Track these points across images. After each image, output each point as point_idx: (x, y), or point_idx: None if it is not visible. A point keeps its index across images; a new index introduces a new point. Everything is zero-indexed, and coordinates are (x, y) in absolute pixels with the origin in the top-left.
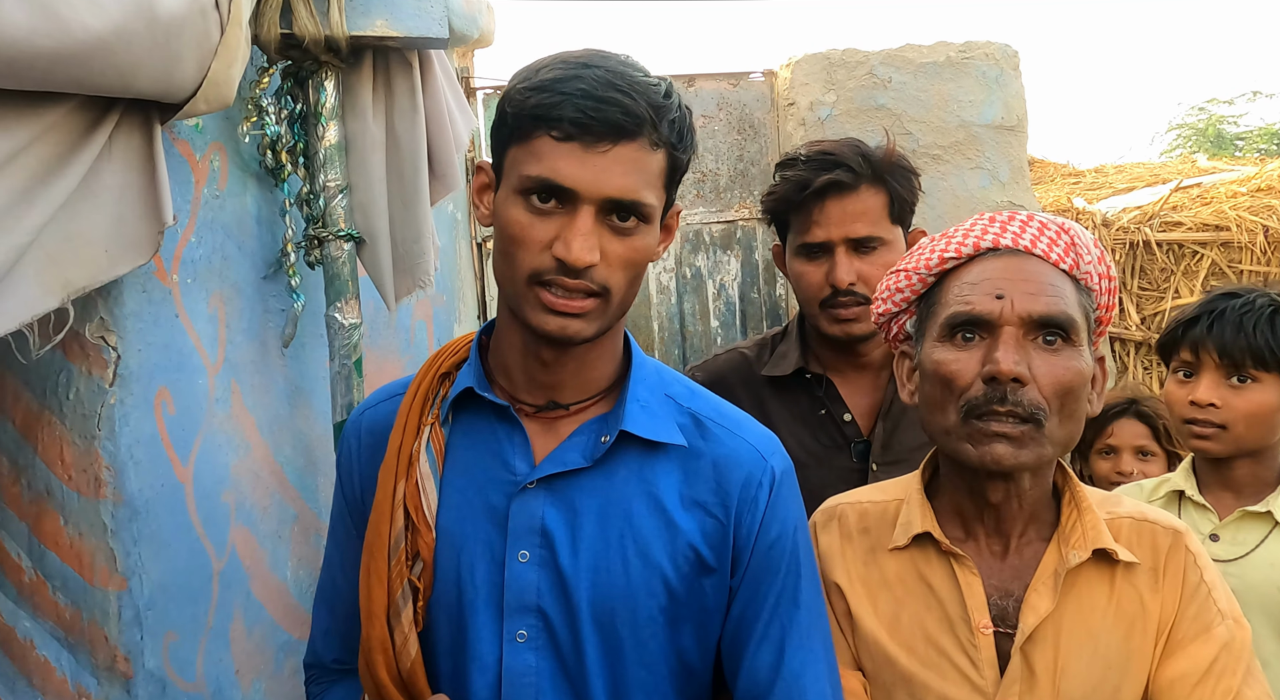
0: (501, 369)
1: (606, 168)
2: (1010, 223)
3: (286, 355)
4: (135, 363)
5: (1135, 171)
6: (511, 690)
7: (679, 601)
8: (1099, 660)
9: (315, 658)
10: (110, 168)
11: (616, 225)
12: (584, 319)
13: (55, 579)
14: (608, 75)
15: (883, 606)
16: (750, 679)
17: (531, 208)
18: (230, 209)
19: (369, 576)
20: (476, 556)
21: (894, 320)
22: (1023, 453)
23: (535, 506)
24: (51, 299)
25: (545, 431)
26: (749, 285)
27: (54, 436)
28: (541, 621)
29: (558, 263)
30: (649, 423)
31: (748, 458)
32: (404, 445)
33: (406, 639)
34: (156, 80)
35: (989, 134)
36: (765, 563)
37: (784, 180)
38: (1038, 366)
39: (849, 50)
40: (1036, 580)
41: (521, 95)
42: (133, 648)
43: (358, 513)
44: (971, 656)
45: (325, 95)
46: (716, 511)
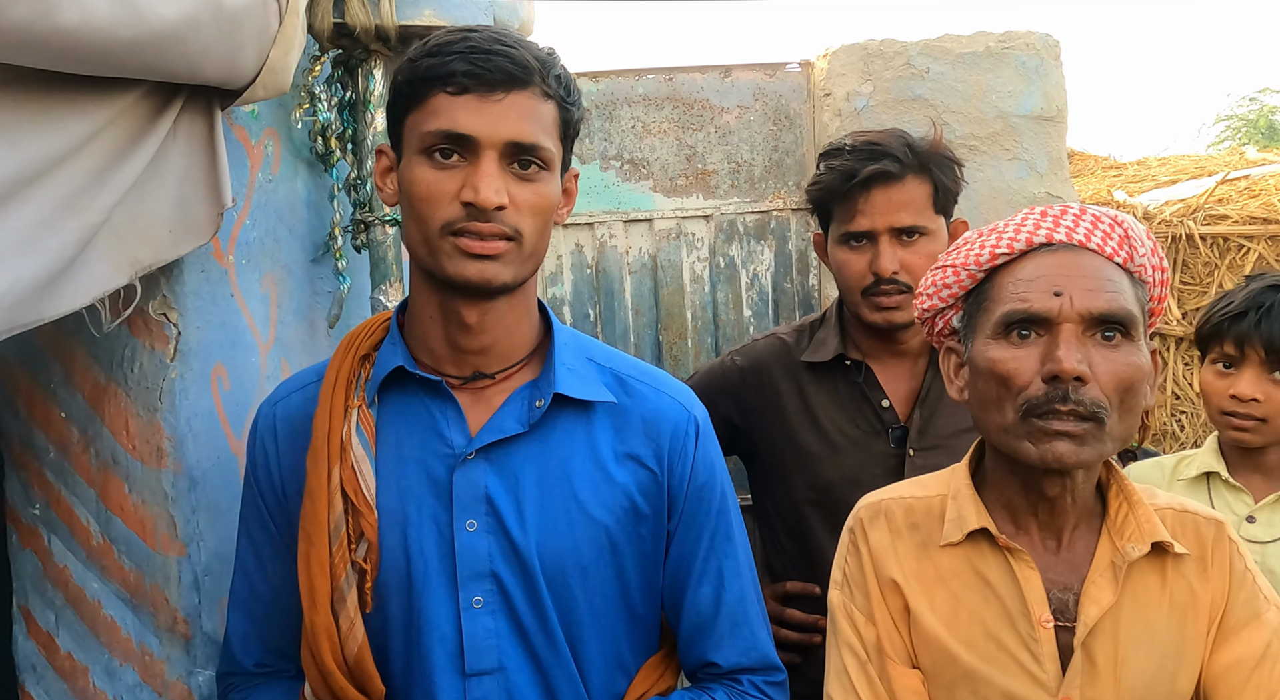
0: (422, 346)
1: (503, 113)
2: (1063, 217)
3: (332, 336)
4: (194, 339)
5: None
6: (474, 655)
7: (621, 551)
8: (1156, 650)
9: (234, 665)
10: (175, 151)
11: (519, 172)
12: (500, 261)
13: (121, 543)
14: (492, 33)
15: (940, 603)
16: (694, 612)
17: (435, 164)
18: (282, 193)
19: (309, 565)
20: (424, 530)
21: (939, 315)
22: (1085, 451)
23: (477, 476)
24: (121, 276)
25: (475, 402)
26: (782, 275)
27: (120, 408)
28: (496, 586)
29: (467, 209)
30: (578, 384)
31: (672, 410)
32: (332, 430)
33: (353, 623)
34: (221, 67)
35: (1027, 125)
36: (698, 505)
37: (829, 170)
38: (1098, 364)
39: (886, 40)
40: (1094, 573)
41: (412, 63)
42: (191, 611)
43: (277, 507)
44: (1033, 651)
45: (374, 83)
46: (650, 463)
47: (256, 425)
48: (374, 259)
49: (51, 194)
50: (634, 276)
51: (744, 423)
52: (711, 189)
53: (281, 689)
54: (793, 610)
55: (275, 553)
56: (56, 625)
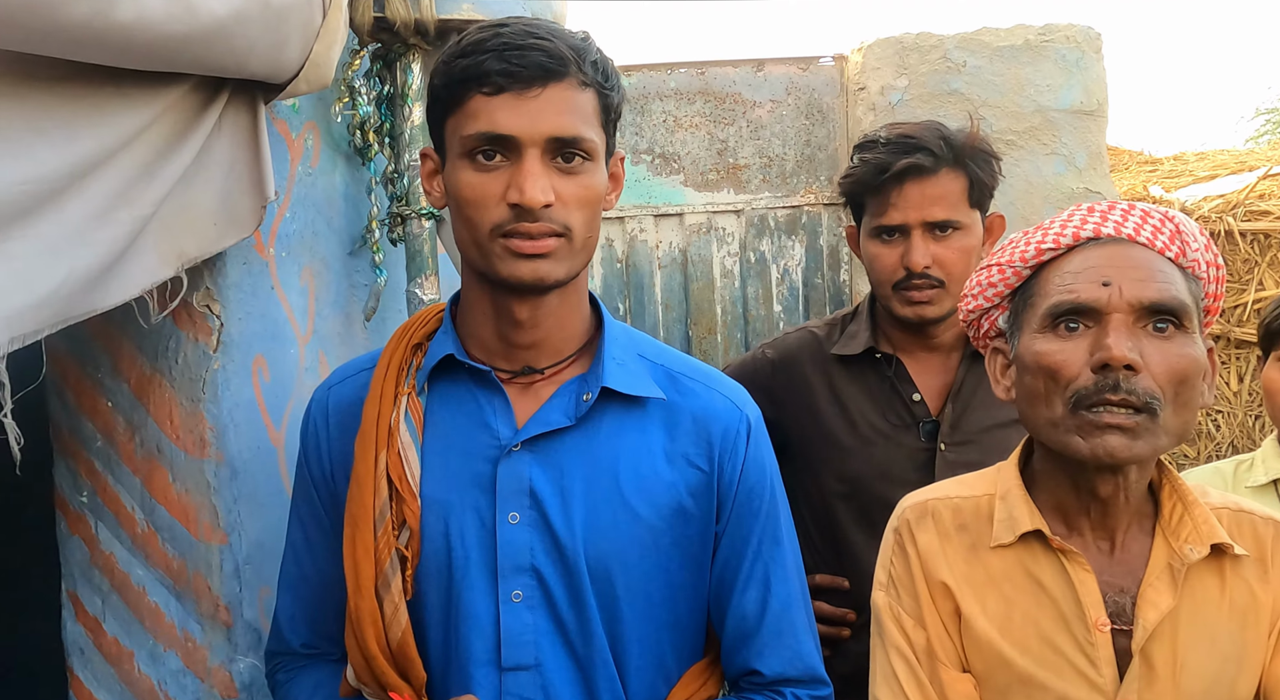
0: (474, 338)
1: (541, 109)
2: (1111, 212)
3: (369, 328)
4: (236, 331)
5: (1219, 159)
6: (511, 649)
7: (667, 552)
8: (1217, 655)
9: (282, 645)
10: (220, 144)
11: (563, 166)
12: (552, 259)
13: (164, 531)
14: (524, 26)
15: (992, 606)
16: (739, 617)
17: (479, 166)
18: (321, 186)
19: (355, 549)
20: (466, 521)
21: (985, 316)
22: (1137, 444)
23: (522, 468)
24: (168, 268)
25: (524, 396)
26: (813, 271)
27: (164, 398)
28: (536, 580)
29: (514, 210)
30: (627, 379)
31: (724, 409)
32: (381, 416)
33: (396, 609)
34: (266, 61)
35: (1066, 119)
36: (747, 507)
37: (862, 163)
38: (1150, 354)
39: (922, 34)
40: (1150, 575)
41: (447, 66)
42: (232, 599)
43: (326, 491)
44: (1089, 655)
45: (412, 77)
46: (700, 462)
47: (310, 410)
48: (410, 252)
49: (104, 187)
50: (664, 271)
51: (775, 415)
52: (742, 183)
53: (327, 671)
54: (821, 603)
55: (323, 535)
56: (103, 610)
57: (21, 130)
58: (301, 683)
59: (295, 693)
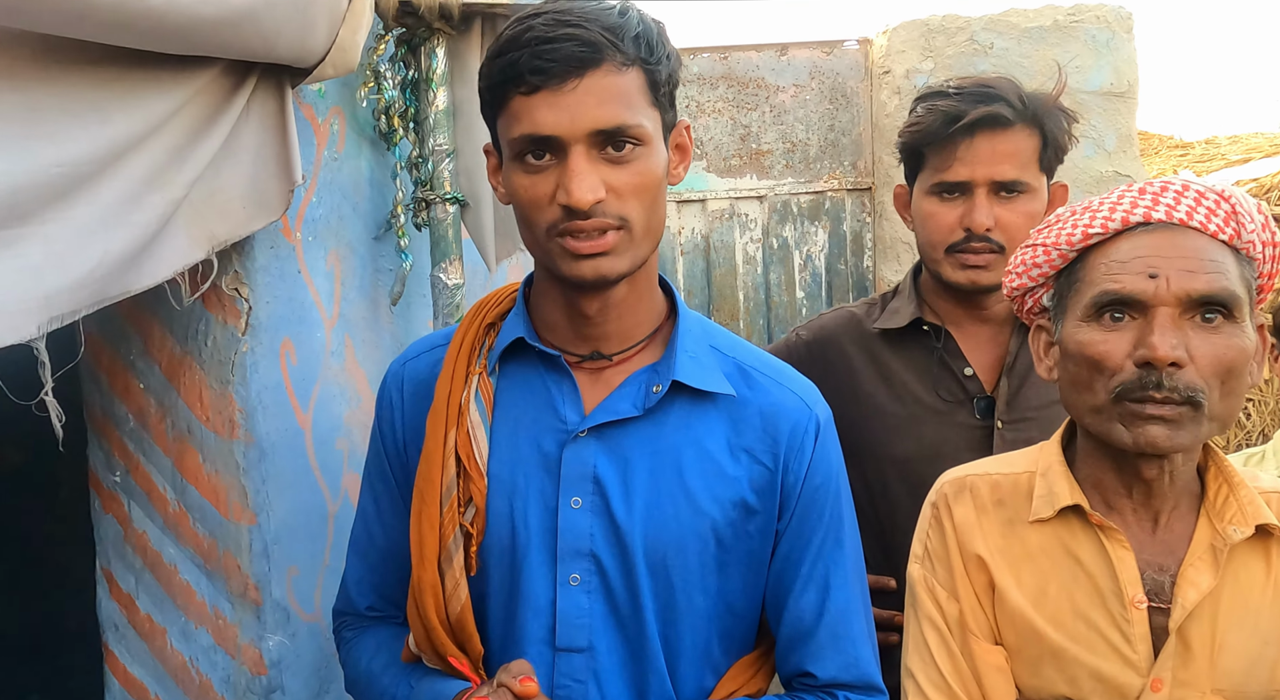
0: (545, 322)
1: (580, 102)
2: (1163, 194)
3: (394, 312)
4: (264, 314)
5: (1252, 141)
6: (566, 631)
7: (727, 547)
8: (1258, 636)
9: (348, 605)
10: (249, 128)
11: (613, 156)
12: (612, 255)
13: (195, 511)
14: (555, 14)
15: (1027, 580)
16: (796, 618)
17: (528, 168)
18: (347, 171)
19: (420, 522)
20: (530, 502)
21: (1029, 294)
22: (1180, 435)
23: (587, 455)
24: (199, 251)
25: (593, 381)
26: (836, 257)
27: (194, 380)
28: (594, 566)
29: (565, 210)
30: (698, 373)
31: (793, 406)
32: (453, 394)
33: (458, 584)
34: (293, 46)
35: (1096, 101)
36: (810, 507)
37: (929, 111)
38: (1196, 346)
39: (949, 16)
40: (1192, 555)
41: (488, 66)
42: (261, 578)
43: (398, 462)
44: (1124, 631)
45: (436, 62)
46: (765, 459)
47: (386, 382)
48: (434, 237)
49: (136, 170)
50: (686, 257)
51: None
52: (765, 169)
53: (391, 633)
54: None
55: (393, 504)
56: (137, 587)
57: (55, 113)
58: (365, 642)
59: (359, 651)
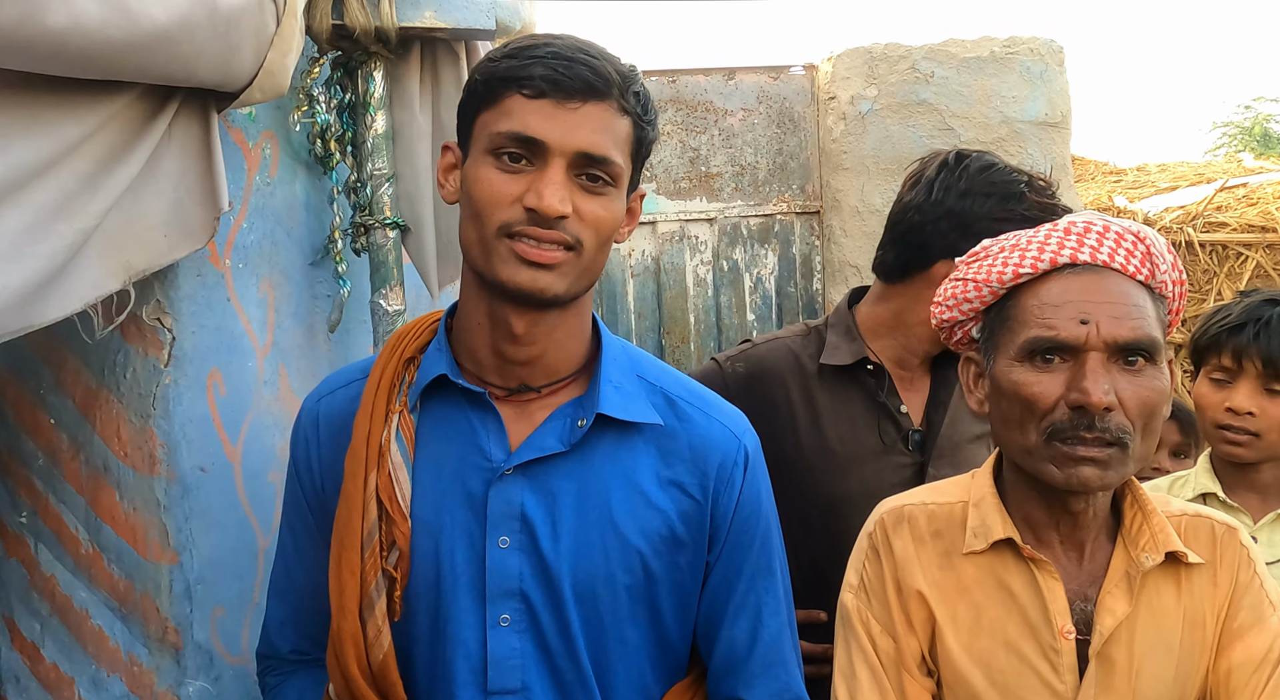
0: (468, 353)
1: (578, 123)
2: (1086, 234)
3: (332, 340)
4: (189, 344)
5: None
6: (497, 673)
7: (656, 580)
8: (1171, 659)
9: (270, 649)
10: (170, 154)
11: (586, 184)
12: (555, 272)
13: (110, 552)
14: (576, 42)
15: (962, 613)
16: (728, 646)
17: (502, 165)
18: (280, 196)
19: (340, 569)
20: (455, 543)
21: (958, 326)
22: (1109, 475)
23: (514, 493)
24: (114, 281)
25: (518, 416)
26: (786, 279)
27: (111, 415)
28: (524, 605)
29: (528, 214)
30: (624, 403)
31: (722, 438)
32: (372, 434)
33: (380, 631)
34: (216, 70)
35: (1032, 130)
36: (740, 537)
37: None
38: (1123, 389)
39: (891, 44)
40: (1109, 583)
41: (490, 62)
42: (182, 620)
43: (316, 501)
44: (1052, 661)
45: (374, 85)
46: (694, 491)
47: (300, 420)
48: (374, 263)
49: (42, 198)
50: (637, 279)
51: None
52: (715, 192)
53: (314, 677)
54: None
55: (312, 543)
56: (42, 635)
57: None
58: (288, 690)
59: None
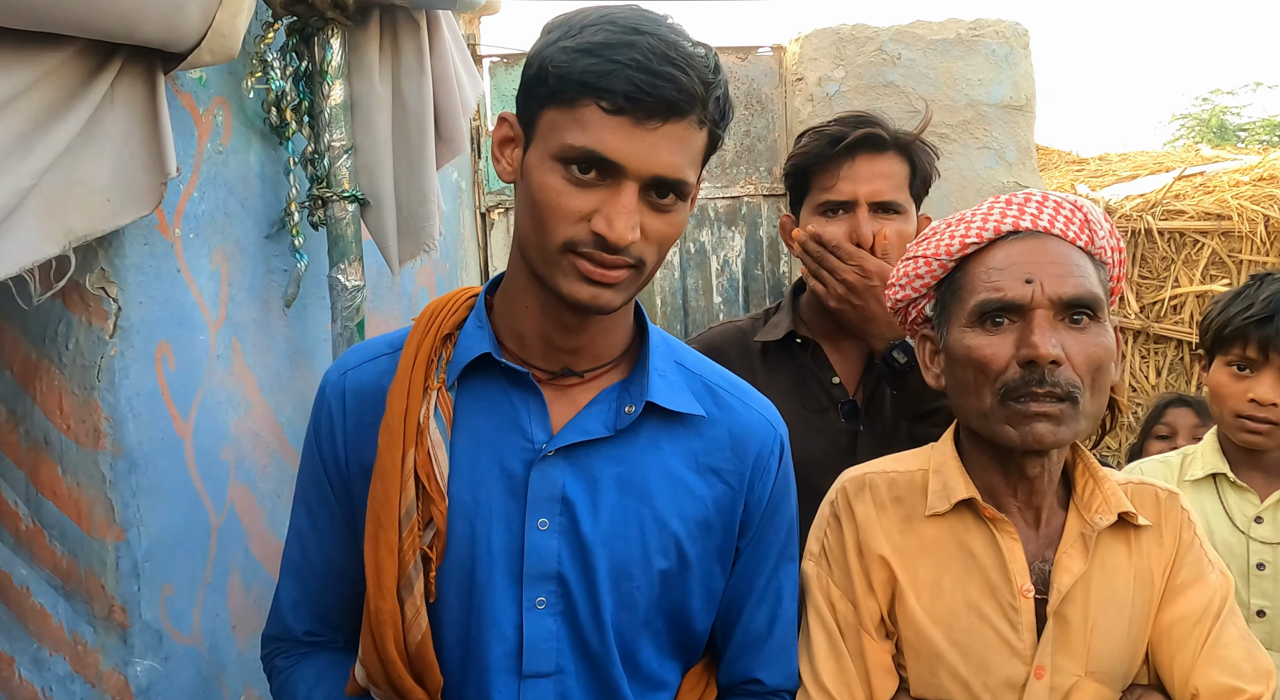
0: (512, 333)
1: (656, 145)
2: (1027, 204)
3: (289, 315)
4: (136, 315)
5: (1139, 159)
6: (533, 656)
7: (690, 567)
8: (1124, 616)
9: (283, 631)
10: (113, 115)
11: (656, 203)
12: (616, 289)
13: (53, 528)
14: (661, 44)
15: (923, 576)
16: (748, 629)
17: (570, 177)
18: (234, 165)
19: (378, 548)
20: (493, 524)
21: (912, 305)
22: (1062, 430)
23: (555, 475)
24: (53, 245)
25: (560, 398)
26: (753, 262)
27: (52, 386)
28: (561, 588)
29: (596, 237)
30: (670, 393)
31: (760, 427)
32: (410, 411)
33: (418, 612)
34: (160, 27)
35: (997, 113)
36: (770, 524)
37: (815, 136)
38: (1070, 345)
39: (859, 25)
40: (1065, 543)
41: (567, 56)
42: (129, 598)
43: (338, 478)
44: (1012, 620)
45: (331, 53)
46: (731, 479)
47: (324, 392)
48: (332, 237)
49: None
50: None
51: None
52: None
53: (330, 660)
54: None
55: (331, 522)
56: None
57: None
58: (303, 672)
59: (296, 682)
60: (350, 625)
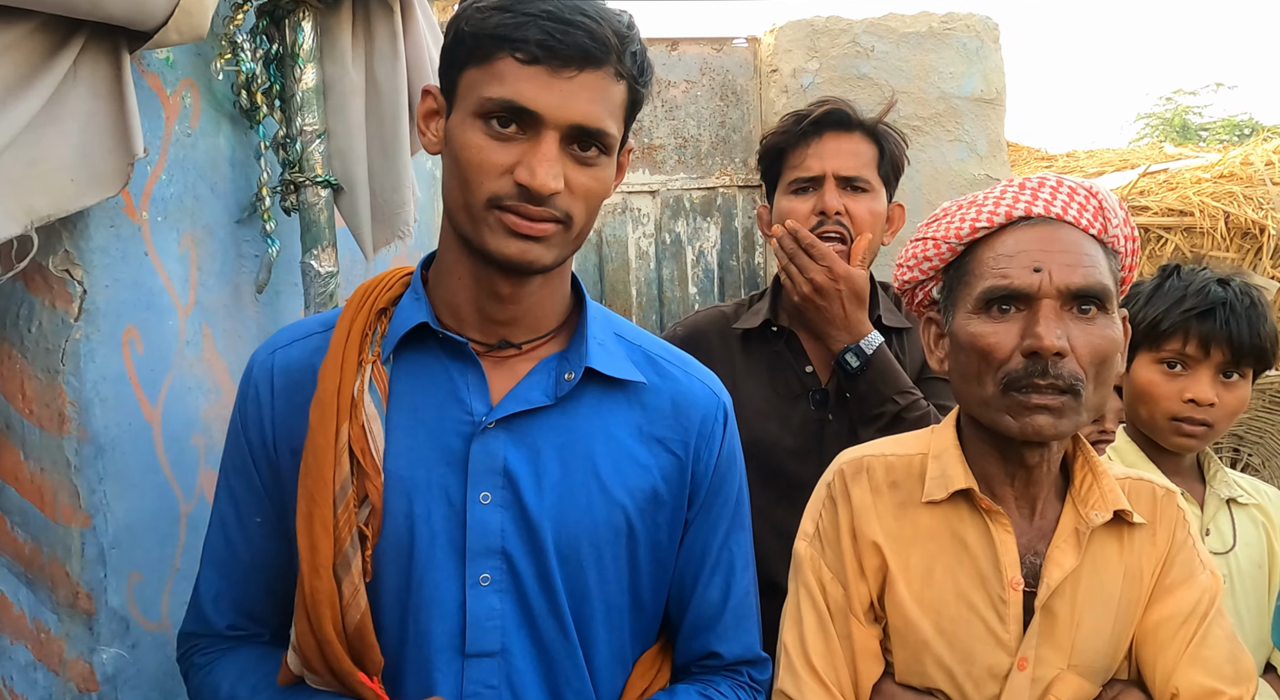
0: (448, 307)
1: (572, 93)
2: (1040, 189)
3: (260, 301)
4: (102, 299)
5: (1105, 156)
6: (476, 635)
7: (638, 538)
8: (1110, 613)
9: (203, 626)
10: (76, 94)
11: (578, 155)
12: (544, 243)
13: (14, 514)
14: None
15: (915, 563)
16: (703, 604)
17: (491, 131)
18: (203, 148)
19: (312, 526)
20: (432, 500)
21: (919, 287)
22: (1062, 423)
23: (496, 447)
24: (14, 225)
25: (499, 370)
26: (728, 252)
27: (14, 370)
28: (505, 564)
29: (519, 188)
30: (610, 360)
31: (703, 395)
32: (343, 385)
33: (356, 590)
34: (126, 4)
35: (968, 106)
36: (718, 494)
37: (784, 119)
38: (1075, 337)
39: (832, 18)
40: (1058, 537)
41: (481, 14)
42: (95, 585)
43: (265, 461)
44: (999, 612)
45: (303, 36)
46: (676, 448)
47: (251, 373)
48: (305, 222)
49: None
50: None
51: None
52: (658, 164)
53: (254, 654)
54: None
55: (258, 508)
56: None
57: None
58: (224, 667)
59: (218, 677)
60: (276, 619)
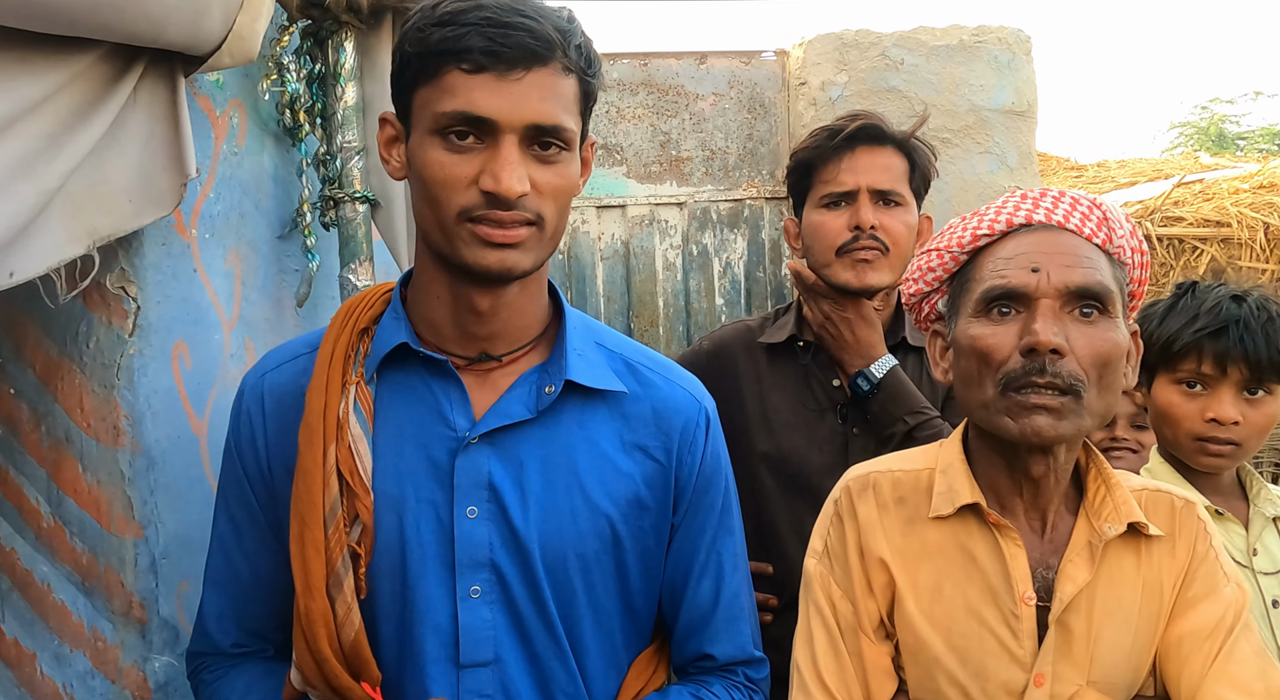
0: (426, 323)
1: (523, 94)
2: (1042, 199)
3: (300, 315)
4: (154, 315)
5: (1138, 166)
6: (469, 645)
7: (624, 546)
8: (1129, 628)
9: (208, 645)
10: (135, 117)
11: (540, 154)
12: (521, 249)
13: (73, 525)
14: (509, 1)
15: (924, 579)
16: (693, 606)
17: (450, 146)
18: (248, 166)
19: (304, 547)
20: (421, 516)
21: (925, 300)
22: (1062, 424)
23: (480, 461)
24: (77, 246)
25: (480, 384)
26: (755, 264)
27: (74, 385)
28: (495, 576)
29: (486, 197)
30: (589, 371)
31: (684, 402)
32: (329, 406)
33: (350, 609)
34: (184, 31)
35: (999, 119)
36: (703, 498)
37: (816, 134)
38: (1075, 338)
39: (862, 31)
40: (1071, 551)
41: (422, 33)
42: (148, 595)
43: (260, 484)
44: (1012, 627)
45: (344, 56)
46: (658, 455)
47: (243, 396)
48: (343, 237)
49: (3, 157)
50: (606, 263)
51: None
52: (685, 176)
53: (259, 670)
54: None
55: (256, 529)
56: (2, 610)
57: None
58: (231, 683)
59: (226, 693)
60: (280, 635)
